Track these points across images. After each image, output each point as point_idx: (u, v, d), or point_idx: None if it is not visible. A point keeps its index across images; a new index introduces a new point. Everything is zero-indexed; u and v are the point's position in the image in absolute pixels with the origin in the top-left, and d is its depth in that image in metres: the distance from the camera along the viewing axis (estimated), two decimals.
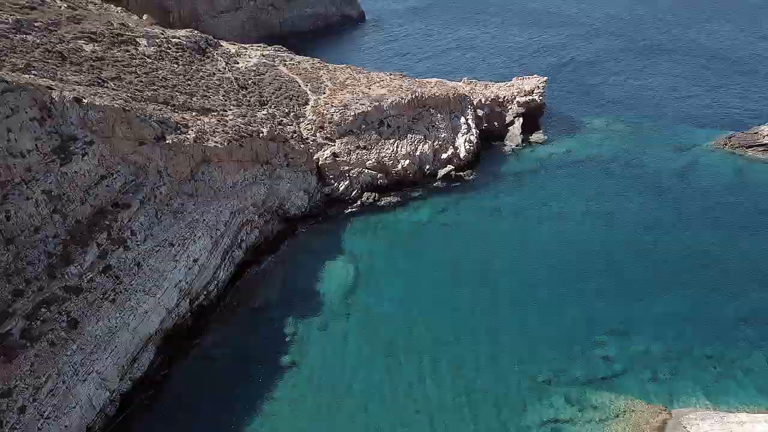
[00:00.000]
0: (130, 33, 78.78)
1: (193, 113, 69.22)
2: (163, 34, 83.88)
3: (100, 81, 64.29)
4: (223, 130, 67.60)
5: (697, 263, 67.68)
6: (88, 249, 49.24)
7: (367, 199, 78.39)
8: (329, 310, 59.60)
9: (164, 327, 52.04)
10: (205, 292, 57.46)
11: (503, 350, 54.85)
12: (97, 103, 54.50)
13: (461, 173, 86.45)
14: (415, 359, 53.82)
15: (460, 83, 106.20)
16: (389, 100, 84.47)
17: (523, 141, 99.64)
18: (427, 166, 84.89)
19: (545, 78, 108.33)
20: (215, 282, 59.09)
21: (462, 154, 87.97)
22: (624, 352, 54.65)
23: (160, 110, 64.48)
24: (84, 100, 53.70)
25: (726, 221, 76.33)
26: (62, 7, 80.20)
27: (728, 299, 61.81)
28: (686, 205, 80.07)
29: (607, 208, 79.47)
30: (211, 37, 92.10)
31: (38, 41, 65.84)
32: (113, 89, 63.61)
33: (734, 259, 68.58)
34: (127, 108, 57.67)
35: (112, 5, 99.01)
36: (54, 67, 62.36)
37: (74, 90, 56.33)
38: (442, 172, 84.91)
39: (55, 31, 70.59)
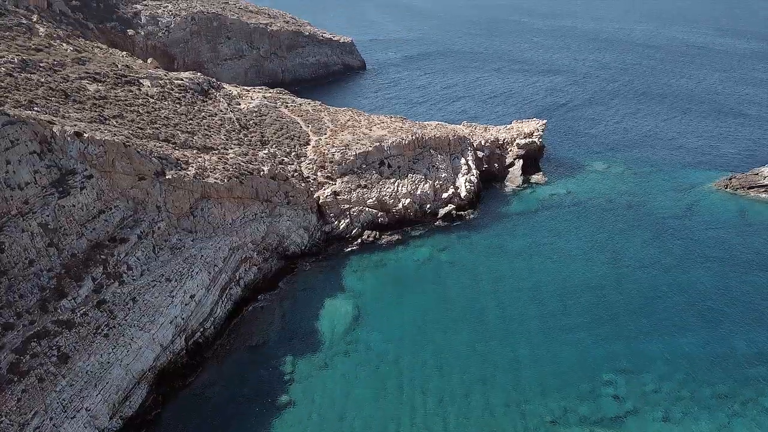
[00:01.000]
0: (133, 74, 79.96)
1: (194, 151, 69.42)
2: (166, 75, 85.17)
3: (102, 118, 64.73)
4: (223, 168, 67.61)
5: (705, 301, 66.49)
6: (82, 283, 48.34)
7: (368, 237, 77.70)
8: (328, 348, 58.00)
9: (158, 364, 50.38)
10: (201, 329, 55.98)
11: (507, 389, 53.02)
12: (97, 138, 54.58)
13: (462, 213, 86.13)
14: (415, 399, 51.93)
15: (460, 126, 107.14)
16: (390, 141, 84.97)
17: (523, 182, 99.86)
18: (428, 206, 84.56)
19: (544, 121, 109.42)
20: (212, 319, 57.66)
21: (463, 193, 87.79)
22: (634, 391, 52.86)
23: (161, 147, 64.66)
24: (85, 135, 53.81)
25: (733, 260, 75.46)
26: (68, 50, 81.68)
27: (738, 337, 60.37)
28: (691, 245, 79.33)
29: (611, 247, 78.70)
30: (213, 79, 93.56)
31: (42, 80, 66.68)
32: (115, 126, 63.94)
33: (742, 297, 67.41)
34: (127, 143, 57.78)
35: (117, 50, 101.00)
36: (57, 104, 62.93)
37: (75, 126, 56.59)
38: (443, 212, 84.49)
39: (60, 71, 71.62)
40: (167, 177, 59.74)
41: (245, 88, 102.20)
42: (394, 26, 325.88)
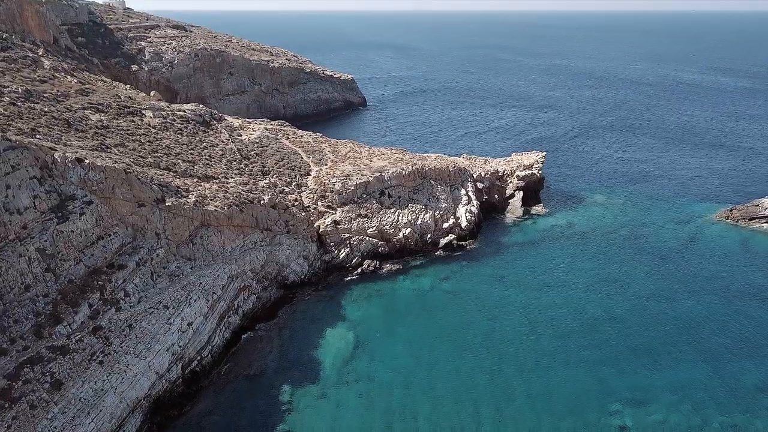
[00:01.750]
0: (136, 105, 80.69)
1: (195, 179, 69.46)
2: (168, 107, 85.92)
3: (103, 147, 64.97)
4: (224, 196, 67.52)
5: (710, 331, 65.41)
6: (78, 309, 47.58)
7: (368, 266, 77.01)
8: (327, 378, 56.71)
9: (154, 392, 49.12)
10: (198, 357, 54.84)
11: (510, 420, 51.56)
12: (98, 164, 54.62)
13: (463, 243, 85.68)
14: (416, 430, 50.39)
15: (460, 158, 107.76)
16: (390, 171, 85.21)
17: (524, 213, 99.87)
18: (429, 235, 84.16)
19: (544, 153, 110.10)
20: (209, 347, 56.57)
21: (463, 223, 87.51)
22: (640, 421, 51.40)
23: (161, 175, 64.70)
24: (86, 161, 53.87)
25: (735, 290, 74.64)
26: (72, 82, 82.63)
27: (745, 367, 59.06)
28: (694, 274, 78.65)
29: (613, 276, 78.00)
30: (215, 111, 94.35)
31: (45, 109, 67.21)
32: (116, 154, 64.11)
33: (747, 327, 66.33)
34: (128, 170, 57.80)
35: (120, 84, 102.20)
36: (59, 132, 63.26)
37: (77, 152, 56.71)
38: (443, 241, 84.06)
39: (64, 101, 72.32)
40: (167, 204, 59.57)
41: (247, 120, 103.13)
42: (393, 65, 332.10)
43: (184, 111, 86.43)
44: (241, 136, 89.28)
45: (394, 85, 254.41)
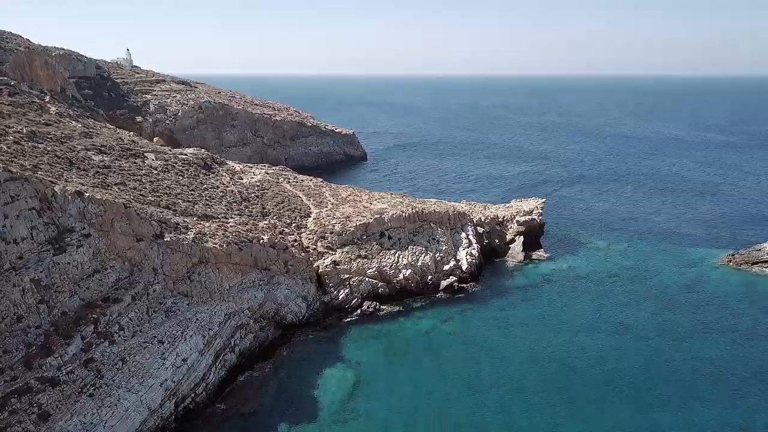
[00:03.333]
0: (139, 148, 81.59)
1: (195, 218, 69.35)
2: (171, 151, 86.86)
3: (104, 185, 65.17)
4: (223, 234, 67.24)
5: (719, 373, 63.43)
6: (71, 341, 46.43)
7: (368, 307, 75.71)
8: (325, 417, 54.64)
9: (145, 428, 47.17)
10: (192, 394, 53.03)
11: None
12: (98, 197, 54.68)
13: (464, 285, 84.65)
14: None
15: (460, 204, 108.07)
16: (390, 213, 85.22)
17: (525, 258, 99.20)
18: (429, 277, 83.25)
19: (543, 199, 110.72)
20: (204, 384, 54.82)
21: (464, 266, 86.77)
22: None
23: (161, 212, 64.64)
24: (85, 194, 53.94)
25: (745, 331, 73.02)
26: (77, 126, 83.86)
27: (756, 411, 56.85)
28: (701, 317, 77.19)
29: (617, 319, 76.56)
30: (217, 155, 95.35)
31: (49, 149, 67.85)
32: (116, 192, 64.25)
33: (756, 370, 64.36)
34: (128, 204, 57.80)
35: (124, 130, 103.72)
36: (61, 170, 63.56)
37: (77, 187, 56.82)
38: (444, 283, 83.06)
39: (67, 142, 73.14)
40: (166, 239, 59.23)
41: (248, 165, 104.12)
42: (393, 122, 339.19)
43: (186, 154, 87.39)
44: (242, 179, 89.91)
45: (393, 139, 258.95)
